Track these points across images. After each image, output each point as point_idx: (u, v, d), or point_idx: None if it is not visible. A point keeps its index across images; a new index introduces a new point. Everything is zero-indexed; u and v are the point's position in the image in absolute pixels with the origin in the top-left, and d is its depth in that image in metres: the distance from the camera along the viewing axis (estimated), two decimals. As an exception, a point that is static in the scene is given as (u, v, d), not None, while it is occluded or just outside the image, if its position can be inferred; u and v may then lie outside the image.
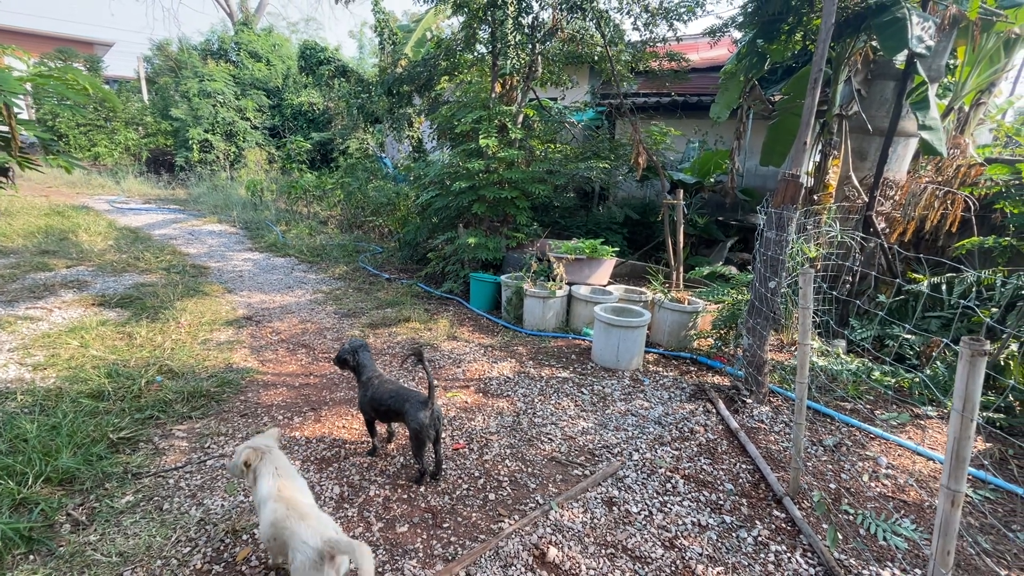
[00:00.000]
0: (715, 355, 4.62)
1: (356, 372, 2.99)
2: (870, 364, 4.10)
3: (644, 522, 2.55)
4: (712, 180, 8.20)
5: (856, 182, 5.15)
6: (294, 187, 12.09)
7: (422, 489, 2.74)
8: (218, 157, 16.03)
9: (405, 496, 2.69)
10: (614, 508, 2.65)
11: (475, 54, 7.42)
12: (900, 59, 4.71)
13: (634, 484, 2.85)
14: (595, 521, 2.54)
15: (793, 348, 4.91)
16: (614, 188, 9.16)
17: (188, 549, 2.28)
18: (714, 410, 3.72)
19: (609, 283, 5.84)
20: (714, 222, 8.04)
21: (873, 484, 2.91)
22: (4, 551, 2.15)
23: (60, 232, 8.07)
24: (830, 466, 3.07)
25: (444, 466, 2.91)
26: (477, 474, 2.90)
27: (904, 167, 5.28)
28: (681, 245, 5.81)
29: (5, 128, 2.75)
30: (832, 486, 2.87)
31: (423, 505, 2.63)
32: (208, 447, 3.05)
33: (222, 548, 2.29)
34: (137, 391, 3.51)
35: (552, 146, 7.70)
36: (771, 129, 6.15)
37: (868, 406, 3.80)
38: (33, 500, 2.43)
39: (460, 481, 2.83)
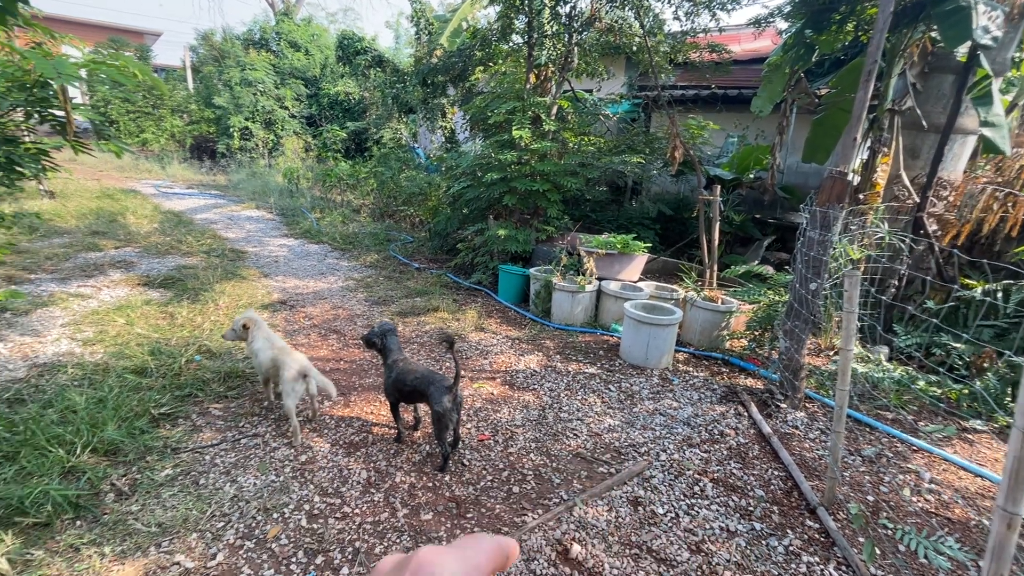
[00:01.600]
0: (748, 357, 4.50)
1: (382, 354, 3.05)
2: (915, 373, 3.91)
3: (670, 524, 2.51)
4: (751, 176, 7.94)
5: (907, 181, 4.89)
6: (329, 175, 12.31)
7: (447, 478, 2.76)
8: (257, 144, 16.46)
9: (430, 484, 2.71)
10: (639, 508, 2.61)
11: (510, 44, 7.36)
12: (962, 51, 4.43)
13: (661, 485, 2.80)
14: (620, 520, 2.51)
15: (831, 352, 4.73)
16: (647, 182, 8.98)
17: (222, 524, 2.36)
18: (746, 413, 3.62)
19: (640, 279, 5.74)
20: (751, 220, 7.80)
21: (915, 499, 2.78)
22: (54, 516, 2.27)
23: (110, 214, 8.44)
24: (868, 477, 2.95)
25: (469, 456, 2.93)
26: (501, 466, 2.90)
27: (960, 166, 4.98)
28: (716, 243, 5.65)
29: (60, 113, 2.87)
30: (870, 498, 2.76)
31: (447, 494, 2.65)
32: (242, 426, 3.15)
33: (254, 525, 2.37)
34: (177, 369, 3.64)
35: (585, 139, 7.58)
36: (816, 124, 5.90)
37: (911, 417, 3.63)
38: (81, 469, 2.56)
39: (484, 472, 2.84)
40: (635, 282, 5.56)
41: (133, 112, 16.36)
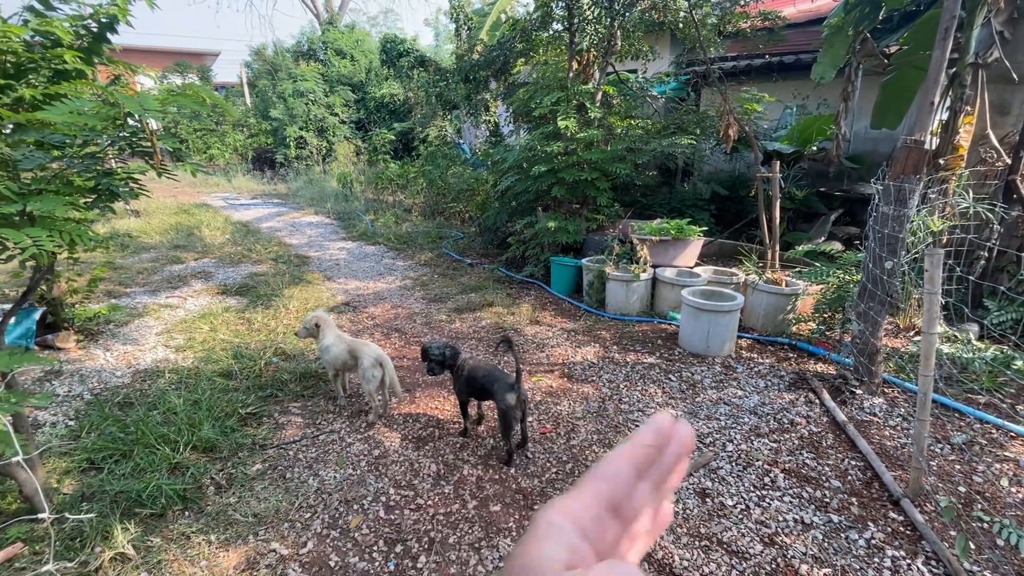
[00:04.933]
0: (817, 341, 4.29)
1: (451, 370, 3.12)
2: (1010, 352, 3.59)
3: (740, 516, 2.47)
4: (814, 148, 7.48)
5: (995, 141, 4.46)
6: (380, 177, 12.71)
7: (512, 471, 2.84)
8: (312, 152, 17.23)
9: (496, 476, 2.80)
10: (707, 500, 2.58)
11: (551, 32, 7.28)
12: (1059, -9, 3.96)
13: (729, 476, 2.75)
14: (688, 512, 2.50)
15: (912, 333, 4.43)
16: (699, 162, 8.65)
17: (309, 515, 2.55)
18: (817, 401, 3.47)
19: (696, 264, 5.58)
20: (815, 193, 7.35)
21: (1014, 489, 2.58)
22: (167, 507, 2.54)
23: (187, 228, 9.14)
24: (959, 467, 2.76)
25: (532, 448, 2.99)
26: (565, 458, 2.95)
27: (1060, 120, 4.48)
28: (777, 221, 5.38)
29: (148, 144, 3.15)
30: (961, 489, 2.59)
31: (514, 486, 2.73)
32: (319, 423, 3.37)
33: (337, 515, 2.54)
34: (258, 371, 3.93)
35: (632, 122, 7.40)
36: (885, 87, 5.48)
37: (1008, 400, 3.35)
38: (185, 465, 2.83)
39: (549, 464, 2.90)
40: (691, 267, 5.41)
41: (199, 130, 17.55)
